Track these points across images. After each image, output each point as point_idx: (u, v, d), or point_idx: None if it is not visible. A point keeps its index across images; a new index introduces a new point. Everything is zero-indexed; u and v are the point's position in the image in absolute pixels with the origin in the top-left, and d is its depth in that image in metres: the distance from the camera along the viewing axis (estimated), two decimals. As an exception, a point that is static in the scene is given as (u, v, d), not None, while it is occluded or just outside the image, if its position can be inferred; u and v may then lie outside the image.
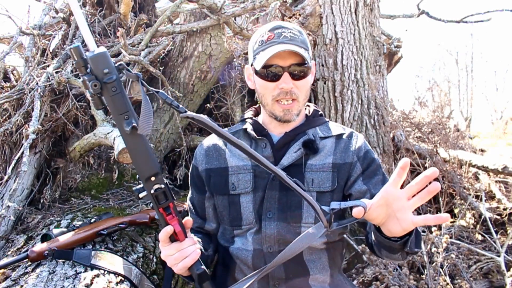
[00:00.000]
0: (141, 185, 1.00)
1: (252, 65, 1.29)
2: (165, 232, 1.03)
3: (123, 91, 0.89)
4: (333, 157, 1.27)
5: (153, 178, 0.97)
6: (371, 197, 1.22)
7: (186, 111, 0.97)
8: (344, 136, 1.32)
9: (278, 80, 1.22)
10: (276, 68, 1.21)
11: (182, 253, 1.04)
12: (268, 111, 1.29)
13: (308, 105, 1.41)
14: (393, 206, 0.95)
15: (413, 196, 0.94)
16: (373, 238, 1.13)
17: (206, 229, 1.38)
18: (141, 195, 1.00)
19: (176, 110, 0.97)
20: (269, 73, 1.22)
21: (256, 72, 1.26)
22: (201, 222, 1.38)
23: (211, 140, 1.40)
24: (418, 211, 2.52)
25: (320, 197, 1.23)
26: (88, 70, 0.87)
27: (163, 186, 0.99)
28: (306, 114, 1.37)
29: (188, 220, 1.08)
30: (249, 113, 1.42)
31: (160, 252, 1.78)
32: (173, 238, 1.05)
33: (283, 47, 1.19)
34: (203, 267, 1.08)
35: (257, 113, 1.42)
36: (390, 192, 0.96)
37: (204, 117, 0.98)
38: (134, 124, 0.90)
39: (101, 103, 0.90)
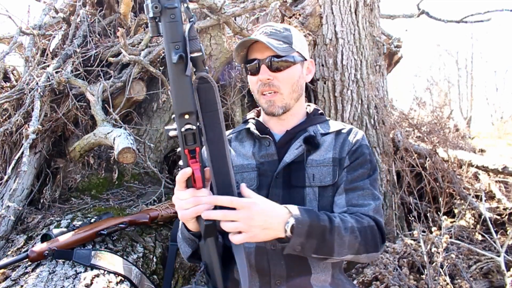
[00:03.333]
0: (173, 126, 0.98)
1: None
2: (184, 173, 1.00)
3: (181, 21, 0.90)
4: (333, 152, 1.29)
5: (186, 116, 0.95)
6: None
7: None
8: (343, 131, 1.35)
9: (258, 73, 1.28)
10: (255, 61, 1.28)
11: (197, 199, 1.01)
12: (260, 105, 1.35)
13: (309, 105, 1.45)
14: None
15: None
16: None
17: None
18: (171, 134, 0.98)
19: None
20: (250, 67, 1.30)
21: (246, 70, 1.33)
22: None
23: None
24: (418, 212, 2.52)
25: (322, 192, 1.25)
26: None
27: (194, 128, 0.96)
28: (307, 112, 1.40)
29: (207, 170, 1.04)
30: (251, 114, 1.46)
31: (160, 252, 1.79)
32: (190, 184, 1.01)
33: (249, 38, 1.26)
34: (211, 221, 1.03)
35: (258, 115, 1.46)
36: None
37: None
38: (181, 54, 0.90)
39: (157, 30, 0.92)
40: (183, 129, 0.96)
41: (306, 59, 1.35)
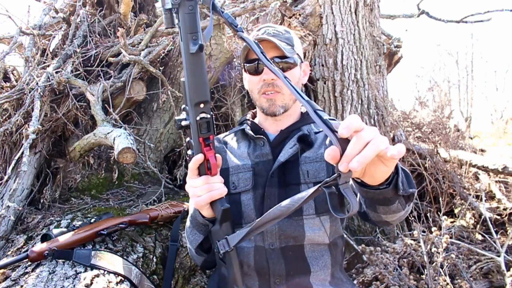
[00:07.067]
0: (183, 116, 1.00)
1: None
2: (196, 160, 1.01)
3: (198, 13, 0.93)
4: (324, 147, 1.31)
5: (202, 105, 0.97)
6: None
7: (243, 31, 1.01)
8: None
9: (261, 73, 1.28)
10: (259, 61, 1.28)
11: (211, 185, 1.02)
12: (258, 106, 1.35)
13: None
14: None
15: None
16: (367, 203, 1.05)
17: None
18: (183, 123, 1.00)
19: (233, 29, 1.00)
20: (253, 67, 1.30)
21: (245, 69, 1.34)
22: None
23: None
24: (418, 212, 2.52)
25: None
26: None
27: (208, 116, 0.99)
28: (301, 112, 1.42)
29: (218, 157, 1.06)
30: (247, 116, 1.48)
31: (160, 252, 1.79)
32: (203, 171, 1.03)
33: (260, 38, 1.26)
34: (228, 205, 1.05)
35: (254, 117, 1.49)
36: None
37: (251, 39, 1.01)
38: (201, 44, 0.92)
39: (172, 21, 0.95)
40: (198, 118, 0.98)
41: (302, 61, 1.37)
